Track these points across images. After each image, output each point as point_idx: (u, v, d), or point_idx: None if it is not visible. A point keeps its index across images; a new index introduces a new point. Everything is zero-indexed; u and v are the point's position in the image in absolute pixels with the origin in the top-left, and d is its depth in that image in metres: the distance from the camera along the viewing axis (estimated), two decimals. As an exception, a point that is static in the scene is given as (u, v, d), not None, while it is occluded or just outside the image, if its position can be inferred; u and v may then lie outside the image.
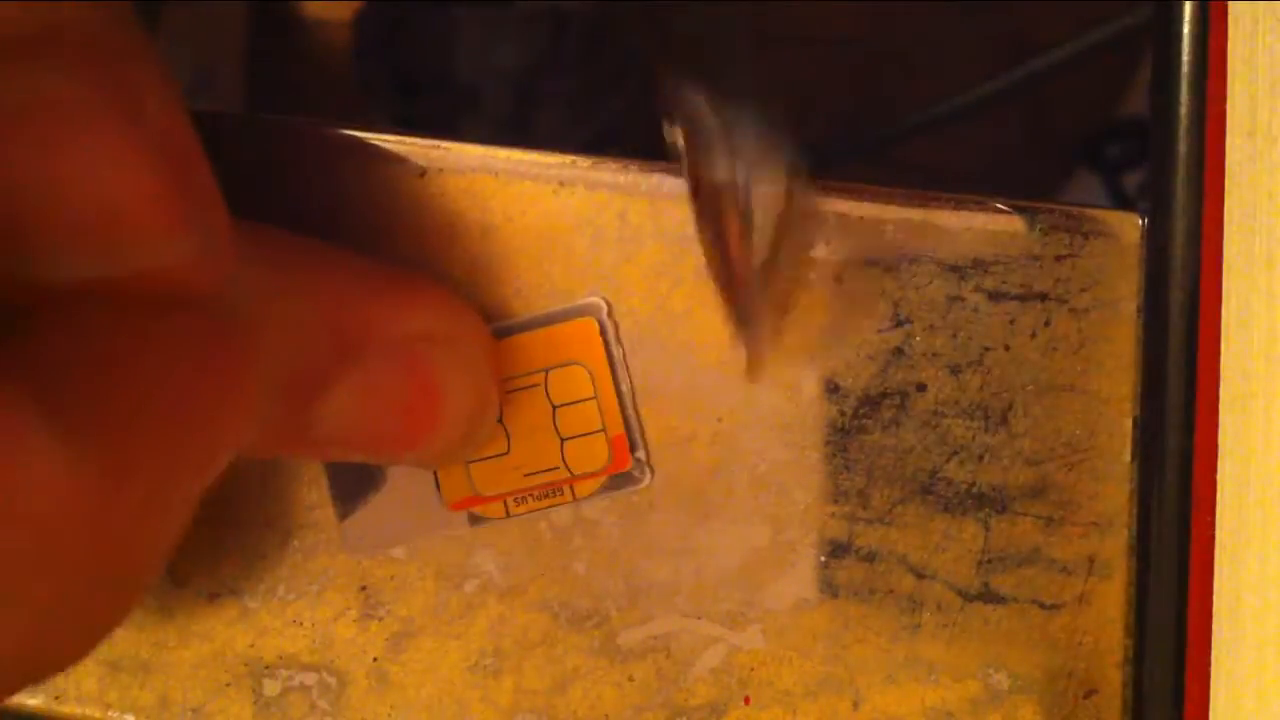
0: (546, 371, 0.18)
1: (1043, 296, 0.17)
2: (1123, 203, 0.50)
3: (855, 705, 0.17)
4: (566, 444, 0.18)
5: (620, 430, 0.17)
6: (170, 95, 0.12)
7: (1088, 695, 0.17)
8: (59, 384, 0.11)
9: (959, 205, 0.17)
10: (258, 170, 0.18)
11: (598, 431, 0.17)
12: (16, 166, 0.11)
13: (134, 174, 0.12)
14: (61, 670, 0.12)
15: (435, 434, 0.16)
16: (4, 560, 0.10)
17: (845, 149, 0.41)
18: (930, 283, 0.17)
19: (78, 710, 0.18)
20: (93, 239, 0.12)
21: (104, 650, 0.18)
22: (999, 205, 0.17)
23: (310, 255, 0.16)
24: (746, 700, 0.18)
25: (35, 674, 0.12)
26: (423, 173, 0.18)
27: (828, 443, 0.17)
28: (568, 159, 0.17)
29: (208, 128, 0.13)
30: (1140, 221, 0.17)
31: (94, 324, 0.12)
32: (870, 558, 0.17)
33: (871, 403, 0.17)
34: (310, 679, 0.18)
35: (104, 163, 0.11)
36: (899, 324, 0.17)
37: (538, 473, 0.18)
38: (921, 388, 0.17)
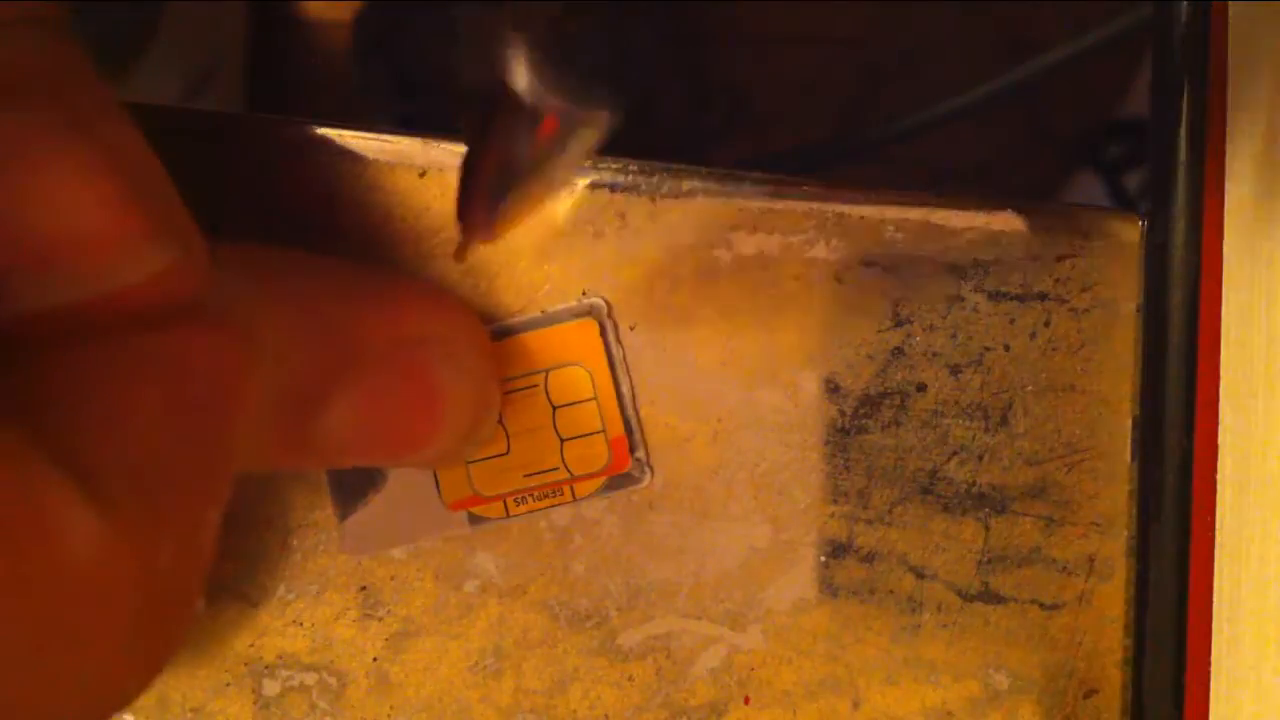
0: (546, 372, 0.17)
1: (1043, 296, 0.17)
2: (1123, 203, 0.50)
3: (855, 705, 0.17)
4: (566, 444, 0.18)
5: (620, 431, 0.17)
6: (119, 115, 0.12)
7: (1088, 695, 0.17)
8: (74, 437, 0.11)
9: (959, 205, 0.17)
10: (257, 170, 0.18)
11: (597, 432, 0.17)
12: None
13: (91, 187, 0.11)
14: (131, 702, 0.13)
15: (437, 436, 0.16)
16: (66, 613, 0.11)
17: (845, 149, 0.41)
18: (930, 283, 0.17)
19: (78, 710, 0.18)
20: (63, 258, 0.11)
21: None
22: (999, 205, 0.17)
23: (296, 267, 0.16)
24: (746, 700, 0.18)
25: (110, 709, 0.12)
26: (423, 173, 0.18)
27: (828, 443, 0.17)
28: (568, 159, 0.17)
29: (208, 128, 0.13)
30: (1140, 221, 0.17)
31: (92, 359, 0.12)
32: (870, 558, 0.17)
33: (871, 403, 0.17)
34: (310, 679, 0.18)
35: (60, 180, 0.11)
36: (899, 324, 0.17)
37: (537, 473, 0.18)
38: (921, 388, 0.17)
